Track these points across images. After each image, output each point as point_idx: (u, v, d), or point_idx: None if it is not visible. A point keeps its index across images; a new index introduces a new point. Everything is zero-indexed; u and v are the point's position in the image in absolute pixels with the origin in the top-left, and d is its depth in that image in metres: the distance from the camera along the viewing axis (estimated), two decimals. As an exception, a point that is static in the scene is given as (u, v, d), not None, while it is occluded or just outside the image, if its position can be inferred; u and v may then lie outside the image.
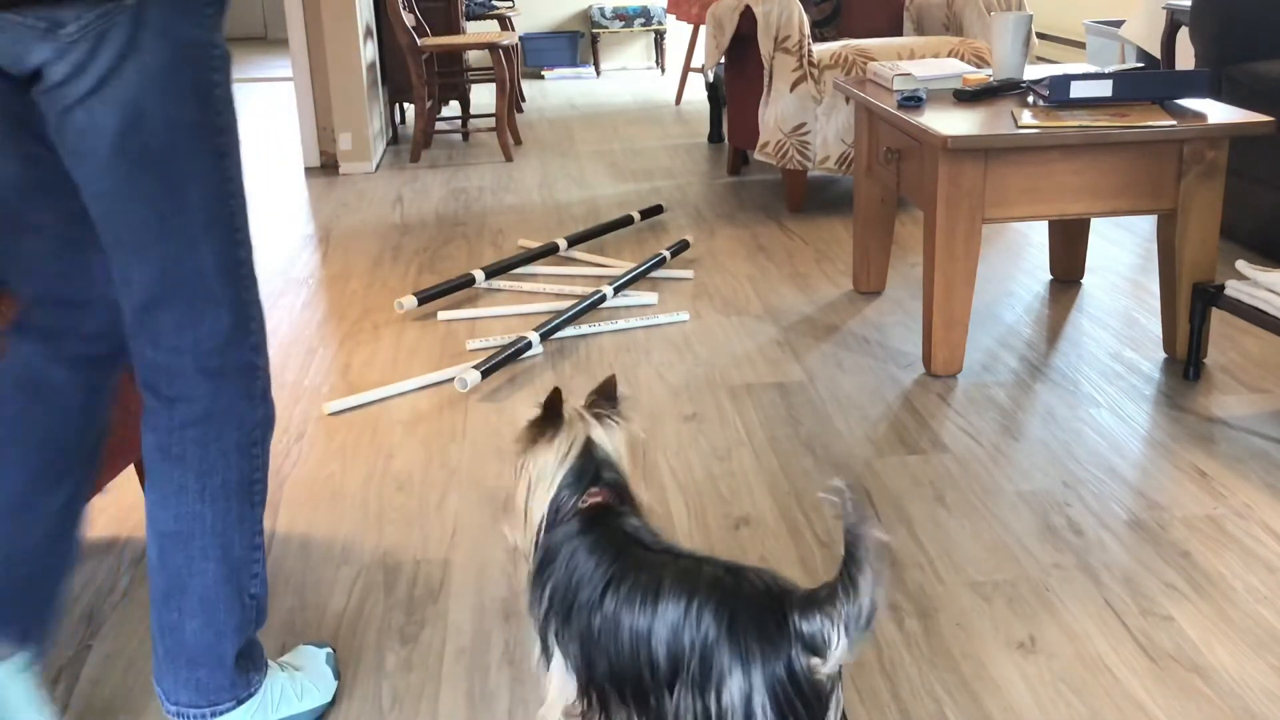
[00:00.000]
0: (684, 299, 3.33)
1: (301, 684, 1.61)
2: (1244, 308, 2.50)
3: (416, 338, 3.11)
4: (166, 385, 1.42)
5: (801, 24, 3.98)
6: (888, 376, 2.75)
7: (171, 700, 1.49)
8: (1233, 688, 1.64)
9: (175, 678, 1.48)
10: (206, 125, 1.35)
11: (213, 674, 1.48)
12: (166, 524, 1.44)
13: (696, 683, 1.22)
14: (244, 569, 1.48)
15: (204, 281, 1.38)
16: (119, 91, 1.28)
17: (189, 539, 1.44)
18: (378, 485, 2.32)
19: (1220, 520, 2.08)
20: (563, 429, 1.37)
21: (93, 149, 1.30)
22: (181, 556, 1.45)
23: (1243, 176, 3.52)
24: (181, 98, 1.32)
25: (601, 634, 1.29)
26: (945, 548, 2.02)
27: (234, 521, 1.46)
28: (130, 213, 1.34)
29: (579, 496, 1.36)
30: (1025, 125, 2.57)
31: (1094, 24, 5.52)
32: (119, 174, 1.32)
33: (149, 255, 1.36)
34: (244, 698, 1.52)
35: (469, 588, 1.95)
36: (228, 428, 1.44)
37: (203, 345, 1.40)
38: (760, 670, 1.19)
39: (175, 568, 1.45)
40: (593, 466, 1.37)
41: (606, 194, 4.58)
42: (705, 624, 1.22)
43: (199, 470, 1.43)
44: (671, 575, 1.27)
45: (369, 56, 5.31)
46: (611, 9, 7.96)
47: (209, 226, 1.38)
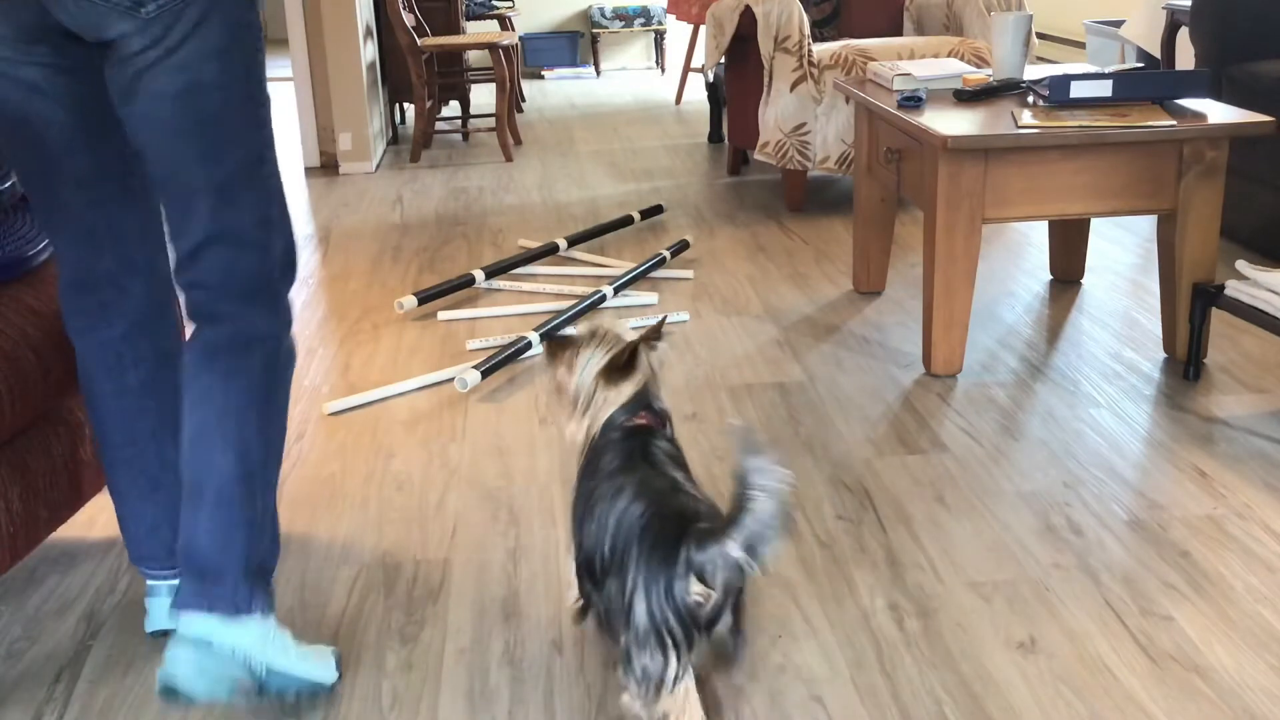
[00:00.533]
0: (684, 299, 3.33)
1: (303, 652, 1.65)
2: (1244, 308, 2.50)
3: (416, 338, 3.11)
4: (209, 309, 1.61)
5: (801, 24, 3.98)
6: (888, 376, 2.75)
7: (177, 598, 1.57)
8: (1233, 688, 1.64)
9: (188, 583, 1.56)
10: (249, 97, 1.57)
11: (219, 578, 1.55)
12: (193, 428, 1.59)
13: (618, 576, 1.46)
14: (259, 476, 1.60)
15: (243, 227, 1.59)
16: (184, 61, 1.50)
17: (210, 438, 1.57)
18: (378, 485, 2.32)
19: (1220, 520, 2.08)
20: (635, 373, 1.66)
21: (158, 109, 1.51)
22: (203, 456, 1.58)
23: (1243, 176, 3.51)
24: (232, 71, 1.54)
25: (589, 518, 1.54)
26: (945, 548, 2.02)
27: (253, 431, 1.59)
28: (185, 169, 1.54)
29: (630, 417, 1.63)
30: (1025, 125, 2.57)
31: (1094, 24, 5.52)
32: (178, 133, 1.52)
33: (199, 205, 1.56)
34: (243, 612, 1.56)
35: (469, 588, 1.95)
36: (256, 345, 1.62)
37: (241, 278, 1.60)
38: (648, 581, 1.42)
39: (196, 468, 1.58)
40: (645, 397, 1.66)
41: (606, 194, 4.58)
42: (634, 528, 1.46)
43: (225, 374, 1.59)
44: (641, 482, 1.52)
45: (369, 56, 5.31)
46: (611, 9, 7.96)
47: (248, 182, 1.58)
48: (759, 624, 1.82)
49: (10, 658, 1.81)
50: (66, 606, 1.94)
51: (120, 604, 1.94)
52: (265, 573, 1.62)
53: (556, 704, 1.65)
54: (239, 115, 1.55)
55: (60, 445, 1.84)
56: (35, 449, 1.78)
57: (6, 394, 1.67)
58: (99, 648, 1.82)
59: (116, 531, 2.16)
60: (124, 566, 2.05)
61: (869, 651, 1.75)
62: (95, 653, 1.81)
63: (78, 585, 2.00)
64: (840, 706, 1.63)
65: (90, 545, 2.13)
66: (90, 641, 1.84)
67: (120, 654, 1.81)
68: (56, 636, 1.86)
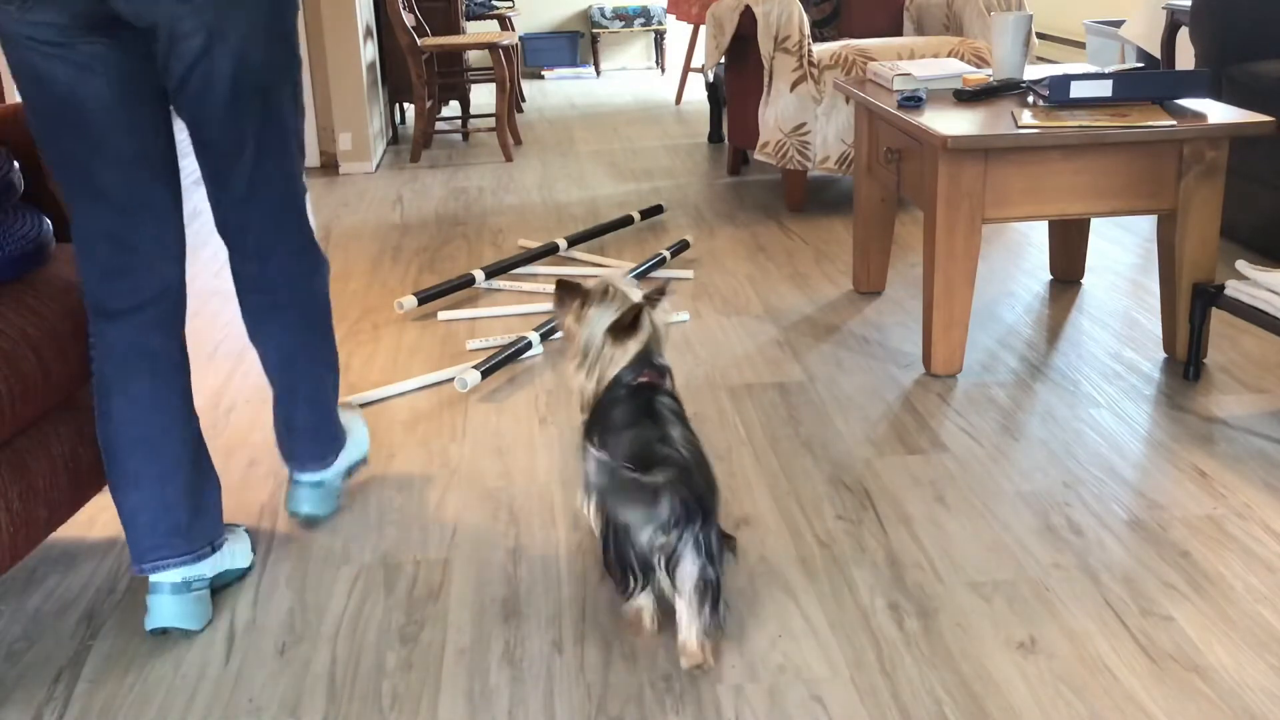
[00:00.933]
0: (684, 299, 3.33)
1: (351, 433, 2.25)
2: (1244, 308, 2.50)
3: (416, 338, 3.11)
4: (257, 252, 1.90)
5: (801, 24, 3.98)
6: (888, 376, 2.75)
7: (295, 463, 2.13)
8: (1233, 688, 1.64)
9: (295, 451, 2.11)
10: (289, 65, 1.81)
11: (318, 436, 2.11)
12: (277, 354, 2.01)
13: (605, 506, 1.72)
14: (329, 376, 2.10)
15: (279, 178, 1.86)
16: (233, 41, 1.68)
17: (293, 360, 2.03)
18: (378, 485, 2.32)
19: (1220, 520, 2.08)
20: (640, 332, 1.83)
21: (213, 87, 1.71)
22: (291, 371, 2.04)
23: (1243, 176, 3.51)
24: (274, 44, 1.75)
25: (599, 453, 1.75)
26: (945, 548, 2.02)
27: (325, 344, 2.07)
28: (235, 132, 1.78)
29: (636, 375, 1.81)
30: (1025, 125, 2.57)
31: (1094, 24, 5.52)
32: (231, 105, 1.74)
33: (243, 163, 1.81)
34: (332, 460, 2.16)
35: (469, 588, 1.95)
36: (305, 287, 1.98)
37: (279, 223, 1.90)
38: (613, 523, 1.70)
39: (287, 380, 2.05)
40: (649, 355, 1.83)
41: (606, 194, 4.58)
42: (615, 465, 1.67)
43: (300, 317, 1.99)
44: (635, 437, 1.72)
45: (369, 56, 5.31)
46: (611, 9, 7.96)
47: (286, 139, 1.85)
48: (759, 624, 1.82)
49: (10, 658, 1.81)
50: (66, 606, 1.94)
51: (120, 604, 1.94)
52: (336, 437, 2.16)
53: (556, 704, 1.65)
54: (281, 82, 1.80)
55: (60, 445, 1.84)
56: (35, 449, 1.78)
57: (6, 394, 1.67)
58: (99, 648, 1.82)
59: (116, 531, 2.16)
60: (124, 566, 2.05)
61: (869, 651, 1.75)
62: (95, 653, 1.81)
63: (78, 585, 2.00)
64: (840, 706, 1.63)
65: (90, 545, 2.13)
66: (90, 641, 1.84)
67: (120, 654, 1.81)
68: (56, 636, 1.86)
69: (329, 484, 2.17)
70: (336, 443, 2.16)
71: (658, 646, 1.77)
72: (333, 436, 2.14)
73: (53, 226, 1.98)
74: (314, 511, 2.16)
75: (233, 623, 1.88)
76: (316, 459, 2.13)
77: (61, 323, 1.81)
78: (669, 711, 1.63)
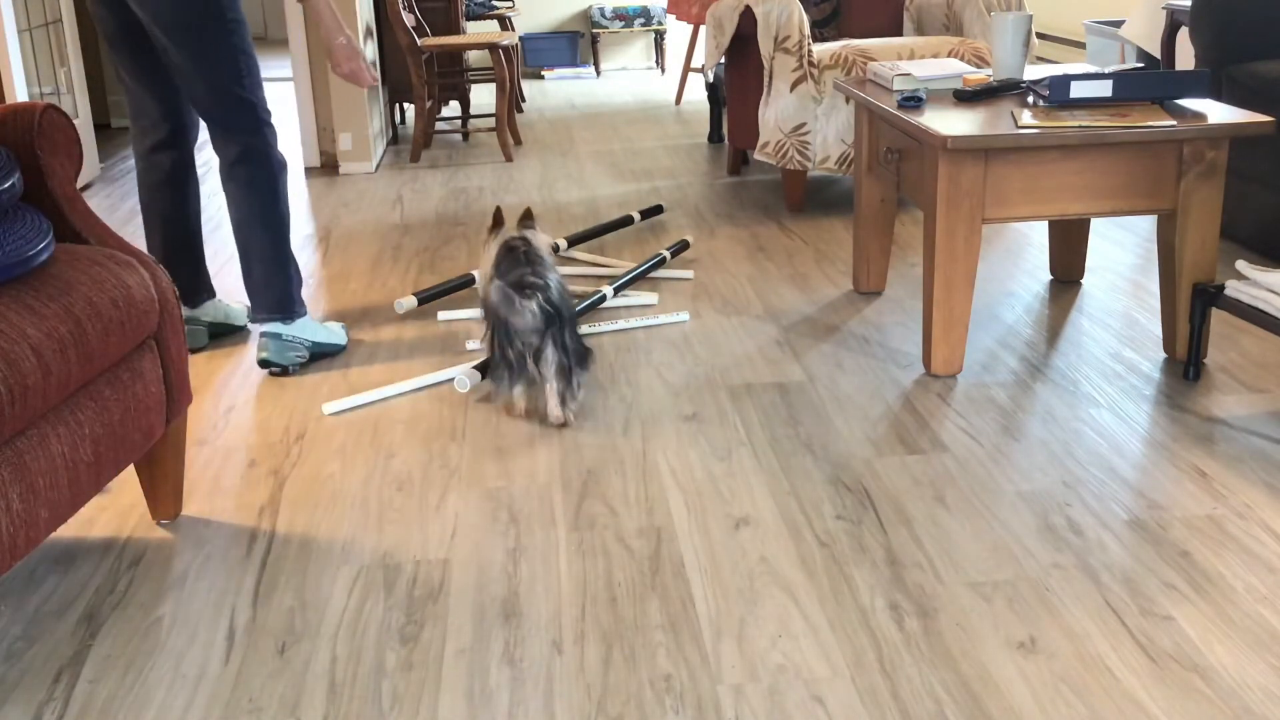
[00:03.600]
0: (684, 299, 3.33)
1: (327, 328, 2.98)
2: (1244, 308, 2.50)
3: (416, 338, 3.11)
4: (223, 141, 2.78)
5: (801, 24, 3.98)
6: (888, 376, 2.75)
7: (253, 315, 2.88)
8: (1233, 688, 1.64)
9: (254, 300, 2.86)
10: (219, 15, 2.65)
11: (275, 301, 2.84)
12: (236, 218, 2.82)
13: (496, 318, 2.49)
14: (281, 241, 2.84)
15: (229, 95, 2.73)
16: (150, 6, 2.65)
17: (249, 223, 2.81)
18: (378, 485, 2.32)
19: (1220, 520, 2.08)
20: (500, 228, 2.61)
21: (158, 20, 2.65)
22: (246, 234, 2.82)
23: (1243, 176, 3.52)
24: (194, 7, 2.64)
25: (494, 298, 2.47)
26: (945, 548, 2.02)
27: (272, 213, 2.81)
28: (184, 60, 2.68)
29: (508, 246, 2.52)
30: (1025, 125, 2.57)
31: (1094, 24, 5.52)
32: (172, 37, 2.66)
33: (197, 84, 2.72)
34: (295, 315, 2.88)
35: (469, 588, 1.95)
36: (257, 158, 2.79)
37: (234, 122, 2.76)
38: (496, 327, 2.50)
39: (243, 242, 2.83)
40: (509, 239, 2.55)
41: (606, 194, 4.58)
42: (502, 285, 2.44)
43: (245, 183, 2.79)
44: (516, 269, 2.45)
45: (369, 56, 5.30)
46: (611, 9, 7.96)
47: (226, 66, 2.70)
48: (759, 624, 1.82)
49: (10, 658, 1.81)
50: (66, 606, 1.94)
51: (120, 604, 1.94)
52: (299, 289, 2.88)
53: (556, 704, 1.65)
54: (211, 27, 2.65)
55: (60, 445, 1.84)
56: (35, 449, 1.78)
57: (6, 394, 1.67)
58: (99, 648, 1.82)
59: (116, 531, 2.16)
60: (124, 566, 2.05)
61: (869, 651, 1.75)
62: (95, 653, 1.81)
63: (78, 585, 2.00)
64: (840, 706, 1.63)
65: (90, 545, 2.13)
66: (90, 641, 1.84)
67: (120, 654, 1.81)
68: (56, 636, 1.86)
69: (285, 339, 2.84)
70: (290, 301, 2.85)
71: (657, 646, 1.77)
72: (287, 294, 2.84)
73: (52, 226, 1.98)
74: (270, 357, 2.82)
75: (233, 623, 1.88)
76: (271, 309, 2.84)
77: (61, 323, 1.81)
78: (669, 711, 1.63)
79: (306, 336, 2.88)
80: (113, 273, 1.96)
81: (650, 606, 1.88)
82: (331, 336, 2.96)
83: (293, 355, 2.85)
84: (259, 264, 2.82)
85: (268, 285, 2.82)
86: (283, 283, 2.83)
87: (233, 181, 2.78)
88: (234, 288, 3.47)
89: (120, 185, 5.04)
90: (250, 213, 2.79)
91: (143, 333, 2.01)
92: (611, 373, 2.83)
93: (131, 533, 2.16)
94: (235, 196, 2.79)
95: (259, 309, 2.85)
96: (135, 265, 2.03)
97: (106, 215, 4.53)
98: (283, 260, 2.83)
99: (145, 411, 2.02)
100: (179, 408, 2.15)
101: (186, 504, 2.27)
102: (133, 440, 1.99)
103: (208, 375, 2.90)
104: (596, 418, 2.58)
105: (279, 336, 2.83)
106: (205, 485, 2.34)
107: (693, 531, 2.10)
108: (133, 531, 2.17)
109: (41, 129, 2.05)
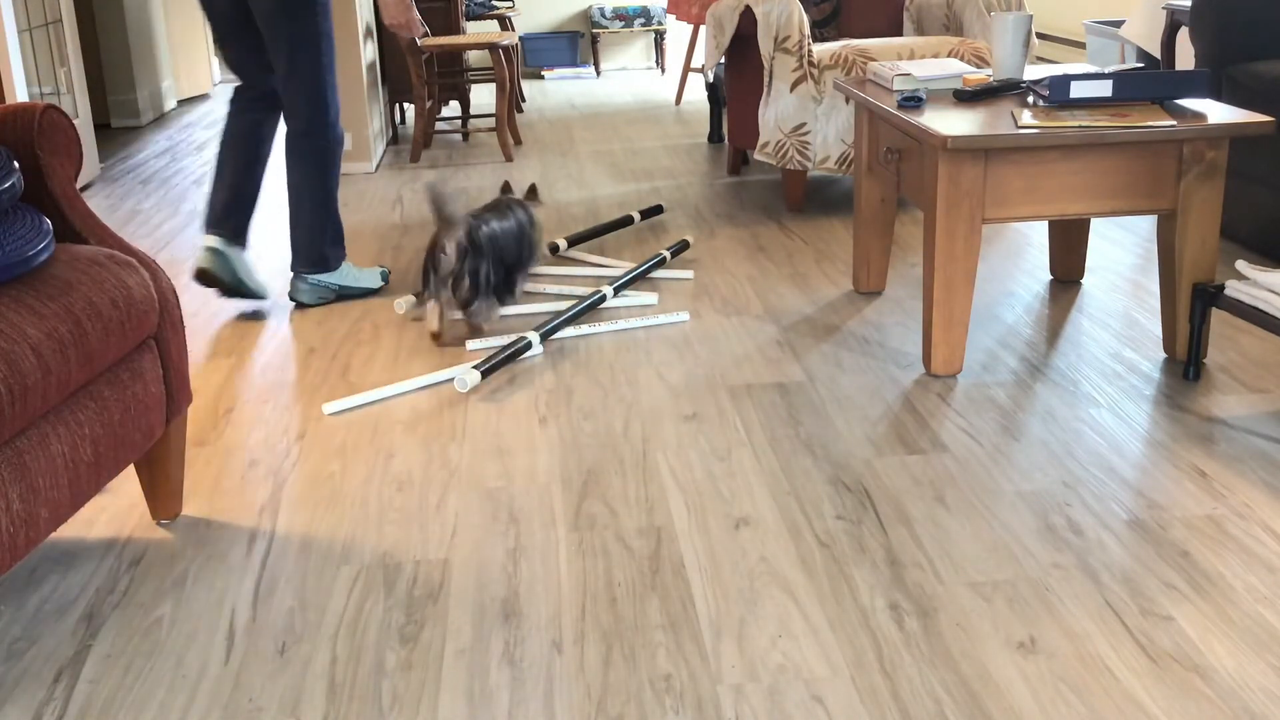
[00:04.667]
0: (684, 299, 3.33)
1: (363, 273, 3.46)
2: (1244, 308, 2.50)
3: (416, 338, 3.11)
4: (292, 115, 3.22)
5: (801, 24, 3.98)
6: (888, 376, 2.75)
7: (295, 264, 3.33)
8: (1233, 688, 1.64)
9: (296, 253, 3.32)
10: (311, 10, 3.13)
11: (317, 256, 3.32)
12: (291, 182, 3.28)
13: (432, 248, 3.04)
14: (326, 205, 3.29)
15: (307, 76, 3.18)
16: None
17: (300, 187, 3.27)
18: (378, 485, 2.32)
19: (1220, 520, 2.08)
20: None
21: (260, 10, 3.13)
22: (296, 196, 3.28)
23: (1243, 176, 3.52)
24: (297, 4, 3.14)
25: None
26: (945, 548, 2.02)
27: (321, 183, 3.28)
28: (276, 42, 3.15)
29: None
30: (1025, 125, 2.57)
31: (1094, 24, 5.52)
32: (271, 25, 3.13)
33: (281, 61, 3.17)
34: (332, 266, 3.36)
35: (469, 588, 1.95)
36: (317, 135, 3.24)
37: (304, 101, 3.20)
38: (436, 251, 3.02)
39: (294, 202, 3.28)
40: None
41: (606, 194, 4.58)
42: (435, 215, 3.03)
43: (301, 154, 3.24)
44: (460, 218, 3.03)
45: (369, 56, 5.30)
46: (611, 9, 7.96)
47: (310, 49, 3.16)
48: (759, 624, 1.82)
49: (10, 658, 1.81)
50: (66, 606, 1.94)
51: (120, 604, 1.94)
52: (335, 247, 3.34)
53: (556, 704, 1.66)
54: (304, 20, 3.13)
55: (60, 445, 1.84)
56: (35, 449, 1.78)
57: (6, 394, 1.67)
58: (99, 648, 1.83)
59: (116, 531, 2.16)
60: (124, 566, 2.05)
61: (869, 651, 1.75)
62: (95, 653, 1.81)
63: (78, 585, 2.00)
64: (840, 706, 1.63)
65: (90, 545, 2.13)
66: (90, 641, 1.84)
67: (120, 654, 1.81)
68: (56, 636, 1.86)
69: (314, 285, 3.35)
70: (325, 258, 3.32)
71: (657, 646, 1.77)
72: (322, 253, 3.32)
73: (52, 227, 1.98)
74: (302, 299, 3.37)
75: (233, 623, 1.88)
76: (307, 264, 3.33)
77: (61, 323, 1.81)
78: (669, 711, 1.63)
79: (336, 282, 3.36)
80: (113, 273, 1.96)
81: (650, 606, 1.88)
82: (363, 281, 3.41)
83: (320, 299, 3.37)
84: (303, 224, 3.28)
85: (309, 243, 3.29)
86: (321, 243, 3.30)
87: (294, 153, 3.24)
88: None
89: (120, 185, 5.04)
90: (303, 181, 3.25)
91: (143, 333, 2.01)
92: (611, 373, 2.83)
93: (131, 533, 2.16)
94: (293, 164, 3.25)
95: (299, 262, 3.32)
96: (135, 265, 2.03)
97: (106, 215, 4.53)
98: (323, 224, 3.29)
99: (145, 411, 2.02)
100: (179, 408, 2.15)
101: (186, 504, 2.27)
102: (133, 440, 1.99)
103: (208, 375, 2.90)
104: (596, 418, 2.58)
105: (306, 279, 3.34)
106: (205, 485, 2.34)
107: (693, 531, 2.10)
108: (133, 531, 2.17)
109: (41, 129, 2.05)
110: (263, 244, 4.06)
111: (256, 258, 3.87)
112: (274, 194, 4.74)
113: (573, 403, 2.66)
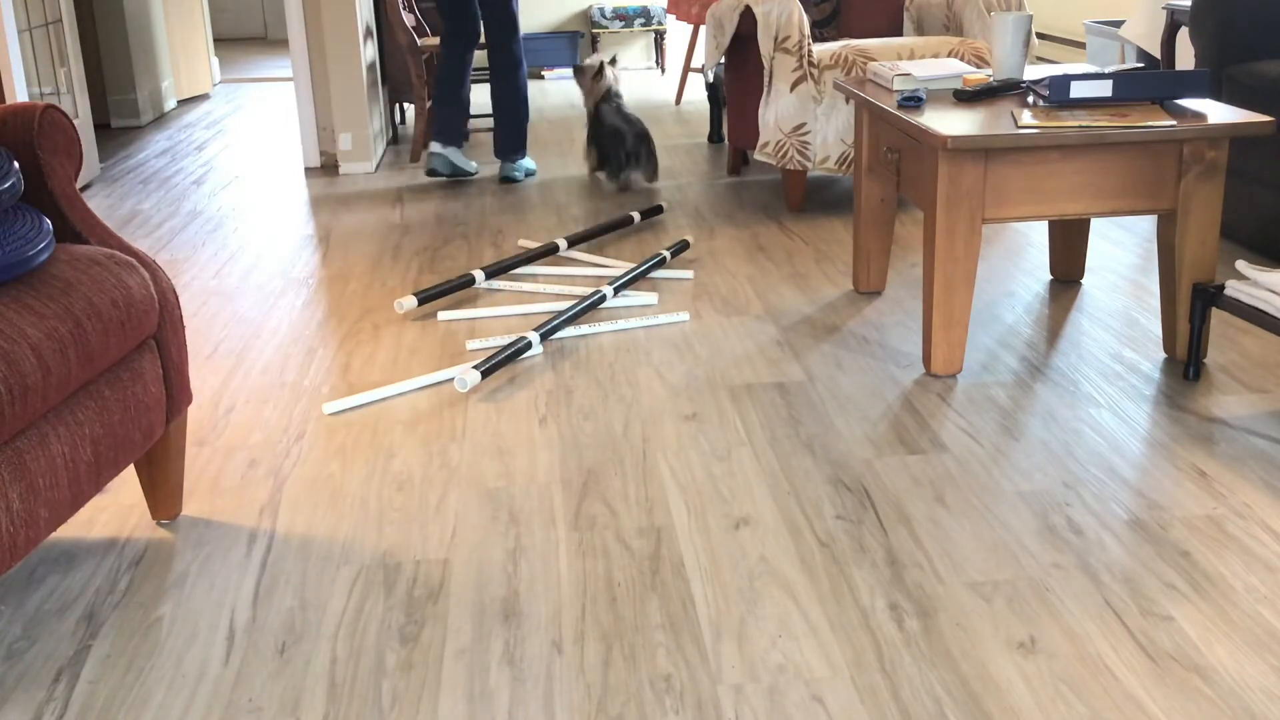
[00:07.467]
0: (684, 299, 3.33)
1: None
2: (1244, 308, 2.50)
3: (416, 338, 3.11)
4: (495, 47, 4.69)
5: (801, 24, 3.98)
6: (888, 376, 2.75)
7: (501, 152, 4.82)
8: (1233, 688, 1.64)
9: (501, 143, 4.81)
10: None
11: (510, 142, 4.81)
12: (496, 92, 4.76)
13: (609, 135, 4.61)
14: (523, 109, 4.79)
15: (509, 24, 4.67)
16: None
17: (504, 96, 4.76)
18: (378, 485, 2.32)
19: (1220, 520, 2.08)
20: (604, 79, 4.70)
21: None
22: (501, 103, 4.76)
23: (1243, 176, 3.52)
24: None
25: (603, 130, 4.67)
26: (945, 548, 2.02)
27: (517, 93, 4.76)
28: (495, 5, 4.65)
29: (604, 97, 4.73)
30: (1025, 125, 2.57)
31: (1094, 24, 5.52)
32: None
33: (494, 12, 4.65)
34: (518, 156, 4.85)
35: (469, 588, 1.95)
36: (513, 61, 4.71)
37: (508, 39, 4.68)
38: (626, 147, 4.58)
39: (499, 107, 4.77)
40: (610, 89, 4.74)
41: (606, 193, 4.58)
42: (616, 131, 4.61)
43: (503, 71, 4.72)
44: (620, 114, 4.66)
45: (369, 56, 5.30)
46: (611, 9, 7.96)
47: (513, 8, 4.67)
48: (759, 624, 1.82)
49: (10, 658, 1.81)
50: (66, 606, 1.94)
51: (120, 604, 1.94)
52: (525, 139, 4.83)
53: (556, 704, 1.66)
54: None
55: (60, 445, 1.84)
56: (35, 449, 1.78)
57: (6, 394, 1.67)
58: (99, 648, 1.83)
59: (116, 531, 2.16)
60: (124, 566, 2.05)
61: (869, 651, 1.75)
62: (95, 653, 1.81)
63: (78, 585, 2.00)
64: (840, 706, 1.63)
65: (90, 545, 2.13)
66: (90, 641, 1.84)
67: (120, 654, 1.81)
68: (56, 636, 1.86)
69: (511, 168, 4.80)
70: (519, 153, 4.79)
71: (657, 646, 1.77)
72: (518, 145, 4.77)
73: (52, 226, 1.98)
74: (508, 175, 4.79)
75: (233, 623, 1.88)
76: (509, 152, 4.77)
77: (61, 323, 1.81)
78: (669, 711, 1.63)
79: (524, 168, 4.87)
80: (113, 273, 1.96)
81: (650, 606, 1.88)
82: (527, 167, 4.90)
83: (516, 176, 4.83)
84: (505, 125, 4.75)
85: (510, 141, 4.77)
86: (517, 137, 4.77)
87: (499, 73, 4.67)
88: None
89: (120, 185, 5.05)
90: (505, 93, 4.70)
91: (143, 333, 2.01)
92: (611, 373, 2.83)
93: (131, 533, 2.16)
94: (498, 81, 4.69)
95: (501, 152, 4.78)
96: (135, 265, 2.03)
97: (106, 215, 4.53)
98: (519, 124, 4.75)
99: (145, 411, 2.02)
100: (179, 408, 2.15)
101: (186, 504, 2.27)
102: (133, 440, 1.99)
103: (208, 375, 2.90)
104: (596, 418, 2.58)
105: (512, 166, 4.82)
106: (205, 485, 2.34)
107: (693, 531, 2.10)
108: (133, 531, 2.17)
109: (41, 129, 2.05)
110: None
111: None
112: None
113: (573, 403, 2.66)
